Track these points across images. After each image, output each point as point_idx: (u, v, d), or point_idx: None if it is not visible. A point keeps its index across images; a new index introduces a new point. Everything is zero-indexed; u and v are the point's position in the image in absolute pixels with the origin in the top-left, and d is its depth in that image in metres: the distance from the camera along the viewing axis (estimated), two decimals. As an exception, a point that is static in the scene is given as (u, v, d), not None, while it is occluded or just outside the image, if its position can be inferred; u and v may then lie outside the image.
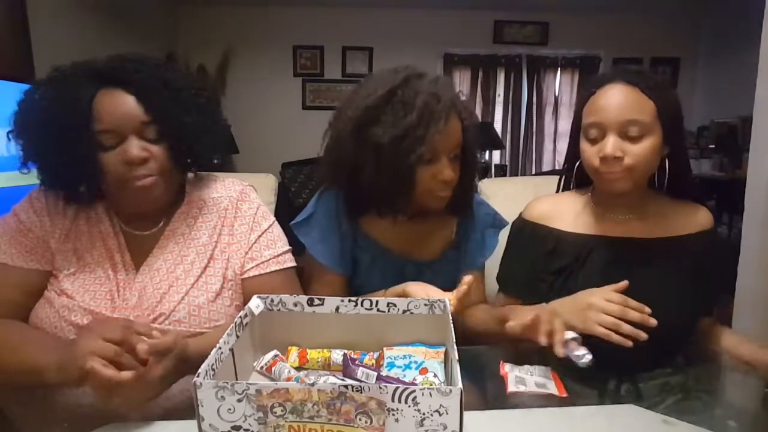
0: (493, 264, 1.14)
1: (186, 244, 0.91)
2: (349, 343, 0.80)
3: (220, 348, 0.63)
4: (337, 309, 0.78)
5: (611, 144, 0.88)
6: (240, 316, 0.72)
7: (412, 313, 0.78)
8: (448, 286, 0.98)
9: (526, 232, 1.06)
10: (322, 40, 4.74)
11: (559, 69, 4.96)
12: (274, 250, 0.96)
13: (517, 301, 1.02)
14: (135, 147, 0.83)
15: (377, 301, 0.77)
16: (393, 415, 0.54)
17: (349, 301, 0.78)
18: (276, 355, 0.78)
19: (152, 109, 0.85)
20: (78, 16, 3.04)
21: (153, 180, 0.85)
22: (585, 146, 0.94)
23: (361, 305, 0.77)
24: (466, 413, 0.53)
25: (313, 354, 0.79)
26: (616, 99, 0.90)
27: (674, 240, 0.97)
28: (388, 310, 0.77)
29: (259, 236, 0.96)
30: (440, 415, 0.54)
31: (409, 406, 0.54)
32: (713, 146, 4.28)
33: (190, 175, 0.99)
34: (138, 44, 3.68)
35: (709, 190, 3.79)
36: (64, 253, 0.86)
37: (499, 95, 4.99)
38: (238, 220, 0.96)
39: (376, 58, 4.76)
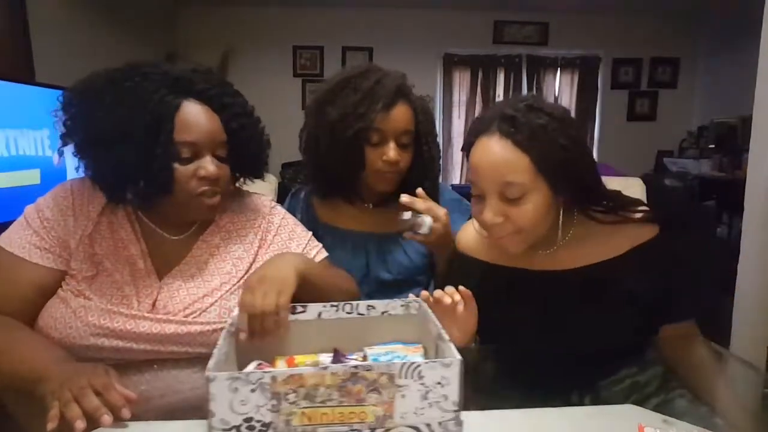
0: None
1: (221, 256, 0.93)
2: (332, 349, 0.79)
3: (221, 349, 0.63)
4: (320, 315, 0.80)
5: (489, 211, 0.82)
6: (229, 325, 0.73)
7: (390, 314, 0.80)
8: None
9: (456, 265, 1.02)
10: (322, 40, 4.73)
11: (558, 69, 4.95)
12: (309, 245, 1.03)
13: None
14: (212, 164, 0.86)
15: (357, 305, 0.80)
16: (399, 391, 0.57)
17: (331, 306, 0.79)
18: (259, 364, 0.74)
19: (229, 129, 0.90)
20: (78, 16, 3.03)
21: (219, 199, 0.88)
22: (472, 202, 0.87)
23: (342, 309, 0.80)
24: (465, 413, 0.53)
25: (301, 359, 0.76)
26: (488, 159, 0.81)
27: (599, 266, 0.88)
28: (368, 312, 0.80)
29: (293, 239, 1.01)
30: (442, 386, 0.57)
31: (415, 381, 0.57)
32: (713, 146, 4.27)
33: None
34: (137, 44, 3.68)
35: (709, 190, 3.79)
36: (83, 256, 0.85)
37: (498, 96, 4.96)
38: (271, 234, 1.00)
39: (376, 58, 4.75)
